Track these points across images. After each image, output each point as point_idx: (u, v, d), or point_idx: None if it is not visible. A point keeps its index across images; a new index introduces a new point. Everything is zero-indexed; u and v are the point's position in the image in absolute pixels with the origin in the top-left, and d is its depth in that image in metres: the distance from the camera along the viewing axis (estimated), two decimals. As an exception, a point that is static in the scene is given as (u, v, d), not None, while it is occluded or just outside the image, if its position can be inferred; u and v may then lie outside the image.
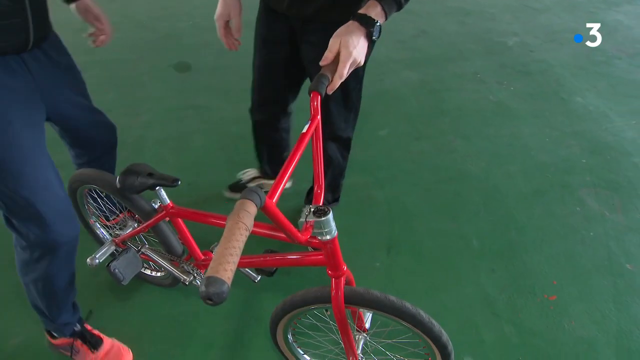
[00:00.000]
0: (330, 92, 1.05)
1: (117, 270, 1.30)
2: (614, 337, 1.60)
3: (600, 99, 2.94)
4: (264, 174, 2.07)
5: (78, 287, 1.37)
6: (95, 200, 1.52)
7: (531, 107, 2.84)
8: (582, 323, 1.63)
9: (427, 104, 2.82)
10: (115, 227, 1.59)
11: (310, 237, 0.96)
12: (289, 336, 1.28)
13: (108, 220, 1.59)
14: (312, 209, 0.93)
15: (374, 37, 1.06)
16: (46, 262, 1.17)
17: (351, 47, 1.01)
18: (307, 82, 1.45)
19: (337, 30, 1.05)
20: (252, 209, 0.66)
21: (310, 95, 1.01)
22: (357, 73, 1.42)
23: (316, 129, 1.01)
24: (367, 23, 1.04)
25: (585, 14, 4.28)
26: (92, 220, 1.60)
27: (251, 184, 2.07)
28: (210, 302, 0.53)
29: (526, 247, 1.92)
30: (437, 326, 1.11)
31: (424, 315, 1.09)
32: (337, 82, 1.03)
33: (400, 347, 1.26)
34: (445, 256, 1.86)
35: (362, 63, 1.06)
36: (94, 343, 1.41)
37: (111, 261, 1.32)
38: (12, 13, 0.99)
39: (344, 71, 1.02)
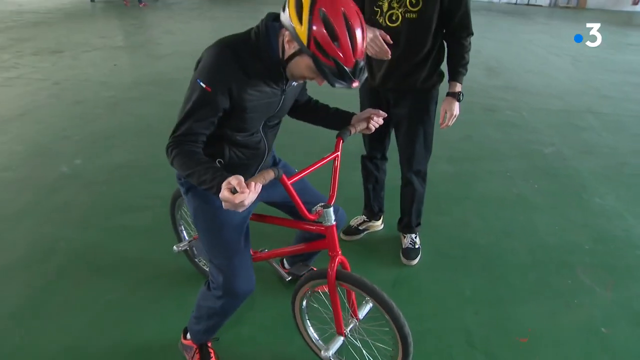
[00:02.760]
0: (443, 127, 2.21)
1: (193, 248, 1.92)
2: (573, 377, 1.86)
3: (619, 202, 3.25)
4: (370, 214, 2.76)
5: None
6: (185, 211, 2.21)
7: (550, 201, 3.22)
8: (547, 362, 1.93)
9: (455, 190, 3.33)
10: (193, 232, 2.25)
11: (318, 225, 1.56)
12: (304, 304, 1.77)
13: (192, 228, 2.26)
14: (322, 205, 1.53)
15: (460, 101, 2.17)
16: (222, 301, 1.60)
17: (454, 110, 2.18)
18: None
19: (444, 103, 2.18)
20: (271, 174, 1.28)
21: (336, 138, 1.64)
22: (431, 125, 2.31)
23: (335, 159, 1.60)
24: (457, 96, 2.16)
25: (629, 136, 4.64)
26: (181, 226, 2.28)
27: (360, 227, 2.75)
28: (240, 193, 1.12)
29: (513, 301, 2.26)
30: (402, 318, 1.55)
31: (395, 306, 1.55)
32: (450, 123, 2.20)
33: (375, 333, 1.70)
34: (439, 297, 2.27)
35: (457, 116, 2.18)
36: (205, 357, 1.80)
37: (190, 242, 1.96)
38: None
39: (452, 122, 2.18)
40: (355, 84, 1.27)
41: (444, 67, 2.21)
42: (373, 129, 1.67)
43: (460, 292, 2.31)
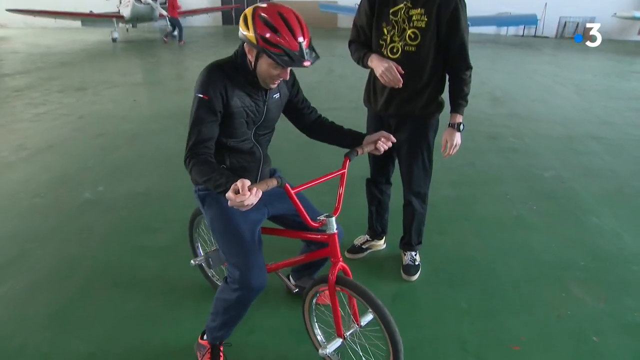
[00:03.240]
0: (446, 157, 2.38)
1: (209, 259, 2.10)
2: (562, 381, 1.96)
3: (617, 222, 3.35)
4: (373, 234, 2.92)
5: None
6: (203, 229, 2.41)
7: (547, 222, 3.34)
8: (537, 368, 2.03)
9: (456, 212, 3.48)
10: (208, 249, 2.43)
11: (321, 233, 1.74)
12: (313, 304, 1.94)
13: (207, 245, 2.45)
14: (326, 214, 1.71)
15: (461, 131, 2.35)
16: (238, 294, 1.77)
17: (455, 140, 2.35)
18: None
19: (445, 134, 2.36)
20: (274, 182, 1.48)
21: (344, 157, 1.83)
22: (430, 151, 2.47)
23: (342, 175, 1.79)
24: (457, 127, 2.33)
25: (631, 159, 4.75)
26: (197, 243, 2.47)
27: (364, 246, 2.91)
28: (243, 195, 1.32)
29: (507, 313, 2.38)
30: (394, 325, 1.67)
31: (388, 313, 1.68)
32: (452, 152, 2.37)
33: (372, 339, 1.85)
34: (437, 309, 2.40)
35: (458, 145, 2.36)
36: (215, 357, 1.96)
37: (207, 254, 2.15)
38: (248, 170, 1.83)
39: (453, 151, 2.36)
40: (307, 63, 1.55)
41: (445, 96, 2.40)
42: (382, 150, 1.85)
43: (457, 305, 2.43)
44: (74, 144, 5.01)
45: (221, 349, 1.99)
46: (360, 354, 1.93)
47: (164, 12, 15.34)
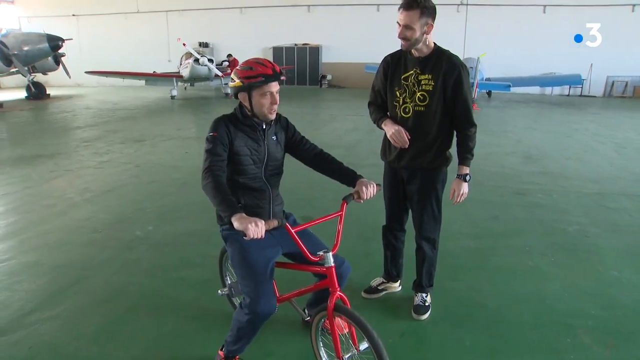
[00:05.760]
0: (455, 204, 2.68)
1: (232, 289, 2.43)
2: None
3: (637, 275, 3.39)
4: (388, 277, 3.14)
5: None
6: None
7: (564, 272, 3.43)
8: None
9: (472, 261, 3.63)
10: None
11: (320, 266, 2.02)
12: (319, 329, 2.19)
13: (233, 277, 2.78)
14: (324, 250, 2.01)
15: (468, 182, 2.63)
16: (248, 317, 2.06)
17: (462, 189, 2.65)
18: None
19: (453, 184, 2.66)
20: (275, 223, 1.82)
21: (342, 201, 2.16)
22: (439, 200, 2.74)
23: (340, 217, 2.11)
24: (464, 178, 2.62)
25: (663, 217, 4.72)
26: (226, 277, 2.80)
27: (379, 287, 3.12)
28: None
29: (509, 354, 2.51)
30: (386, 355, 1.89)
31: (380, 342, 1.91)
32: (459, 200, 2.67)
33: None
34: (441, 345, 2.57)
35: (465, 194, 2.66)
36: None
37: (230, 284, 2.48)
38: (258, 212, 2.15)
39: (461, 199, 2.66)
40: (283, 77, 2.09)
41: (453, 152, 2.71)
42: (362, 199, 2.15)
43: (461, 343, 2.58)
44: (130, 189, 5.61)
45: None
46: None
47: (219, 73, 16.69)
